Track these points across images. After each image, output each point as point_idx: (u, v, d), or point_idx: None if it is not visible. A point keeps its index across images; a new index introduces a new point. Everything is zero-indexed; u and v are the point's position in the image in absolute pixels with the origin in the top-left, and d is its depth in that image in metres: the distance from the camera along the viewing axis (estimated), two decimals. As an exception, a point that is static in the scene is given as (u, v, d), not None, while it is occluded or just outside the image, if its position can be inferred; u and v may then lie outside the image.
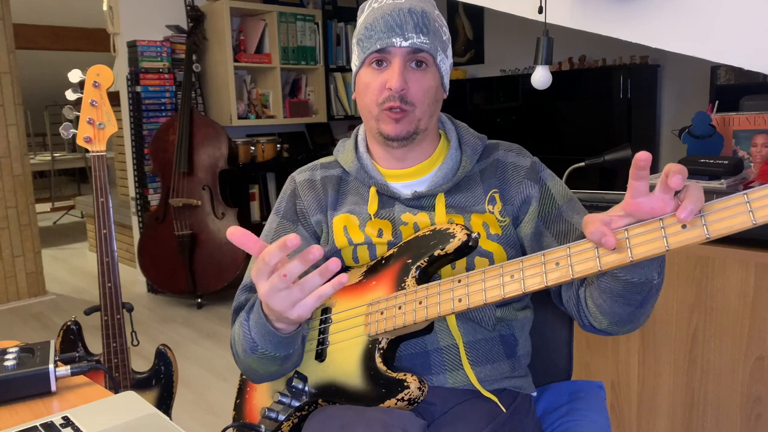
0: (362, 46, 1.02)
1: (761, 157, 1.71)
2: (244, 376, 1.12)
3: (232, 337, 1.05)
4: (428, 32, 1.00)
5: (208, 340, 3.26)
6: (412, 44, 0.98)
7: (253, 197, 4.24)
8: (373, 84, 1.00)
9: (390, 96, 0.98)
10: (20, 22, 6.01)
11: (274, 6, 4.19)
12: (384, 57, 0.99)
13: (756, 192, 0.66)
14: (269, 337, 0.90)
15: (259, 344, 0.92)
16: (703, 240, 0.69)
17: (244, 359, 0.98)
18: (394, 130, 1.00)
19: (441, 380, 0.99)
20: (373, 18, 1.01)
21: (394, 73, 0.98)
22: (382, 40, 0.98)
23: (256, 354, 0.94)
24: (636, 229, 0.73)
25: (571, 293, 0.98)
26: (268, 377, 1.00)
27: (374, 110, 1.01)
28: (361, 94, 1.04)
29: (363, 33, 1.02)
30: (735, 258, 1.48)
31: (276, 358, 0.94)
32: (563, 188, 1.07)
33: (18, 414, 0.90)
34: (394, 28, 0.98)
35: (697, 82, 3.51)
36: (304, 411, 0.98)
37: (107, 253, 1.54)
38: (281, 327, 0.89)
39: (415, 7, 1.00)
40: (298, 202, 1.11)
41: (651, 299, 0.87)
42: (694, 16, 1.69)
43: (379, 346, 0.94)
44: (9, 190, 3.88)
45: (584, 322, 0.97)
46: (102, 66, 1.55)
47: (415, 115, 1.01)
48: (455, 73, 4.52)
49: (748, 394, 1.51)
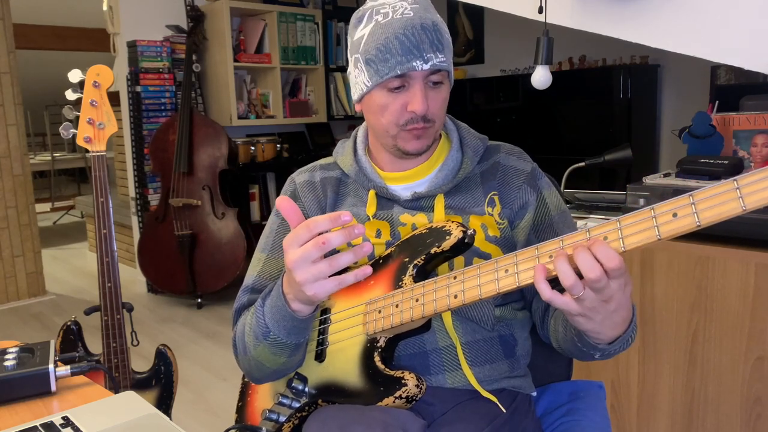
0: (376, 69, 0.97)
1: (761, 157, 1.71)
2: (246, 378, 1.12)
3: (234, 336, 1.04)
4: (443, 48, 0.97)
5: (208, 340, 3.26)
6: (432, 66, 0.95)
7: (253, 197, 4.24)
8: (392, 106, 0.98)
9: (413, 118, 0.97)
10: (20, 22, 6.01)
11: (274, 6, 4.19)
12: (403, 81, 0.96)
13: (746, 178, 0.65)
14: (284, 321, 0.90)
15: (272, 330, 0.92)
16: (693, 228, 0.69)
17: (253, 351, 0.97)
18: (415, 147, 1.00)
19: (440, 380, 0.99)
20: (385, 37, 0.95)
21: (417, 96, 0.95)
22: (402, 65, 0.94)
23: (268, 341, 0.93)
24: (628, 219, 0.73)
25: (541, 305, 1.05)
26: (271, 374, 1.00)
27: (393, 130, 1.00)
28: (375, 114, 1.01)
29: (375, 54, 0.96)
30: (735, 258, 1.48)
31: (286, 347, 0.93)
32: (558, 199, 1.09)
33: (18, 414, 0.90)
34: (412, 51, 0.94)
35: (697, 82, 3.51)
36: (305, 412, 0.98)
37: (107, 253, 1.54)
38: (297, 308, 0.89)
39: (426, 22, 0.96)
40: (298, 203, 1.11)
41: (590, 360, 0.95)
42: (694, 16, 1.69)
43: (378, 345, 0.94)
44: (9, 190, 3.88)
45: (543, 332, 1.05)
46: (102, 66, 1.55)
47: (435, 128, 1.01)
48: (455, 73, 4.52)
49: (748, 394, 1.51)
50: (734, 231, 1.50)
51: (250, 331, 0.97)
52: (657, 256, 1.60)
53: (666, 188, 1.67)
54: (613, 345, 0.86)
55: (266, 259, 1.09)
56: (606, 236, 0.74)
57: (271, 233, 1.11)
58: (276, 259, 1.08)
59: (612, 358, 1.72)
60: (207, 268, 3.66)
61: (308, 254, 0.80)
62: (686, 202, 0.69)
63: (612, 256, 0.72)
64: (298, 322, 0.90)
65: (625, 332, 0.85)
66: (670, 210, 0.70)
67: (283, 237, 1.09)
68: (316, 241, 0.80)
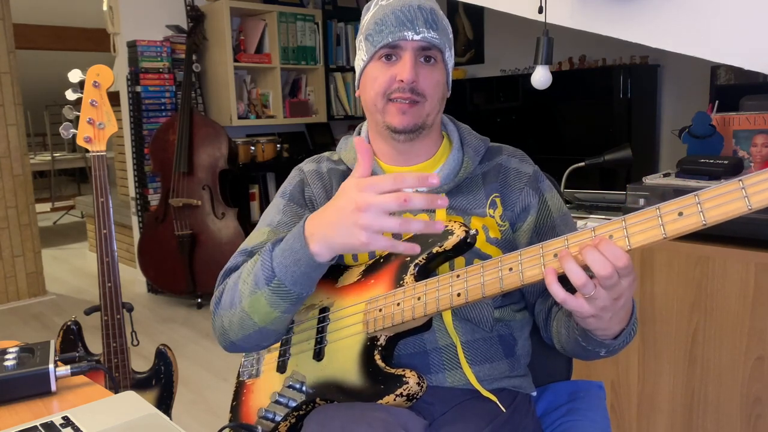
0: (372, 41, 1.01)
1: (761, 157, 1.71)
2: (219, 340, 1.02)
3: (221, 291, 0.99)
4: (438, 28, 1.00)
5: (208, 340, 3.26)
6: (423, 38, 0.98)
7: (253, 197, 4.24)
8: (382, 77, 1.00)
9: (399, 87, 0.99)
10: (20, 22, 6.01)
11: (274, 6, 4.19)
12: (394, 51, 1.00)
13: (751, 178, 0.66)
14: (295, 266, 0.86)
15: (278, 274, 0.87)
16: (699, 227, 0.70)
17: (245, 301, 0.92)
18: (401, 122, 1.00)
19: (440, 379, 0.99)
20: (383, 13, 1.01)
21: (406, 65, 0.98)
22: (394, 33, 0.98)
23: (269, 287, 0.88)
24: (633, 218, 0.73)
25: (544, 307, 1.05)
26: (253, 334, 0.94)
27: (380, 102, 1.01)
28: (367, 88, 1.03)
29: (372, 28, 1.01)
30: (735, 258, 1.48)
31: (287, 297, 0.88)
32: (559, 202, 1.09)
33: (18, 414, 0.90)
34: (405, 23, 0.98)
35: (697, 82, 3.51)
36: (302, 411, 0.98)
37: (107, 253, 1.54)
38: (318, 251, 0.84)
39: (424, 5, 1.01)
40: (306, 189, 1.10)
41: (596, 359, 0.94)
42: (694, 16, 1.69)
43: (378, 343, 0.94)
44: (9, 190, 3.88)
45: (546, 334, 1.05)
46: (102, 66, 1.55)
47: (425, 108, 1.01)
48: (455, 72, 4.52)
49: (748, 394, 1.51)
50: (734, 231, 1.50)
51: (248, 278, 0.93)
52: (657, 256, 1.60)
53: (666, 188, 1.67)
54: (618, 339, 0.87)
55: (270, 232, 1.07)
56: (611, 235, 0.74)
57: (277, 212, 1.09)
58: (279, 233, 1.05)
59: (613, 356, 1.73)
60: (207, 268, 3.66)
61: (386, 205, 0.76)
62: (692, 202, 0.69)
63: (620, 255, 0.72)
64: (311, 268, 0.86)
65: (628, 325, 0.86)
66: (675, 209, 0.70)
67: (290, 217, 1.08)
68: (399, 196, 0.75)
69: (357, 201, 0.77)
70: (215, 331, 1.00)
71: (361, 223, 0.77)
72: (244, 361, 1.16)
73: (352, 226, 0.78)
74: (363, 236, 0.78)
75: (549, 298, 1.04)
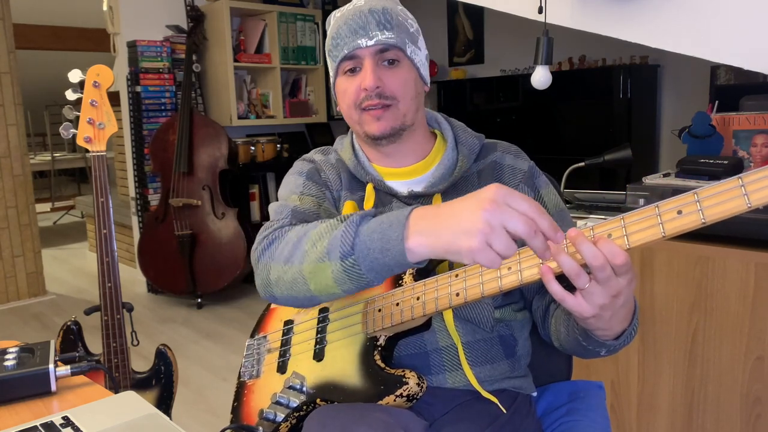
0: (332, 56, 1.03)
1: (761, 157, 1.71)
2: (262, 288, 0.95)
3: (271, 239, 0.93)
4: (392, 27, 1.00)
5: (208, 340, 3.26)
6: (377, 41, 0.98)
7: (253, 197, 4.24)
8: (350, 89, 1.01)
9: (366, 96, 0.99)
10: (20, 22, 6.01)
11: (274, 6, 4.19)
12: (355, 62, 1.00)
13: (750, 175, 0.66)
14: (380, 254, 0.78)
15: (356, 253, 0.79)
16: (699, 225, 0.69)
17: (307, 264, 0.85)
18: (378, 129, 1.01)
19: (440, 380, 0.99)
20: (338, 26, 1.02)
21: (367, 72, 0.99)
22: (348, 44, 0.99)
23: (342, 262, 0.81)
24: (632, 217, 0.73)
25: (542, 304, 1.05)
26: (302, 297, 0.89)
27: (354, 114, 1.02)
28: (341, 102, 1.05)
29: (331, 44, 1.03)
30: (735, 258, 1.48)
31: (356, 280, 0.82)
32: (556, 198, 1.09)
33: (18, 414, 0.90)
34: (358, 31, 0.99)
35: (697, 82, 3.51)
36: (302, 411, 0.98)
37: (107, 253, 1.54)
38: (414, 245, 0.75)
39: (375, 7, 1.00)
40: (322, 173, 1.11)
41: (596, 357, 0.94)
42: (694, 16, 1.69)
43: (378, 343, 0.94)
44: (9, 190, 3.88)
45: (544, 332, 1.05)
46: (102, 66, 1.55)
47: (399, 110, 1.01)
48: (455, 73, 4.52)
49: (748, 394, 1.51)
50: (734, 231, 1.50)
51: (319, 242, 0.84)
52: (657, 256, 1.60)
53: (666, 188, 1.67)
54: (619, 340, 0.86)
55: (300, 197, 1.04)
56: (610, 234, 0.74)
57: (297, 186, 1.07)
58: (310, 199, 1.04)
59: (612, 355, 1.73)
60: (207, 268, 3.66)
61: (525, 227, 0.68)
62: (691, 200, 0.69)
63: (617, 252, 0.72)
64: (395, 263, 0.77)
65: (630, 325, 0.86)
66: (674, 207, 0.70)
67: (312, 190, 1.05)
68: (536, 228, 0.69)
69: (488, 193, 0.70)
70: (257, 278, 0.94)
71: (484, 220, 0.69)
72: (244, 361, 1.16)
73: (470, 218, 0.70)
74: (475, 241, 0.69)
75: (546, 295, 1.04)
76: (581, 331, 0.88)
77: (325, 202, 1.06)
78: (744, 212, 0.67)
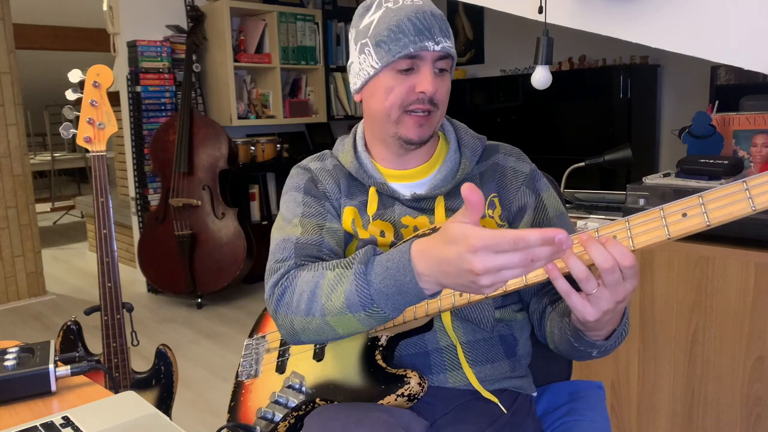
0: (387, 49, 0.96)
1: (761, 157, 1.71)
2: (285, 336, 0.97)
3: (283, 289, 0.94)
4: (450, 36, 1.00)
5: (208, 340, 3.26)
6: (443, 48, 0.97)
7: (253, 197, 4.24)
8: (399, 88, 0.97)
9: (419, 99, 0.97)
10: (20, 22, 6.01)
11: (274, 6, 4.19)
12: (413, 63, 0.97)
13: (755, 179, 0.67)
14: (400, 296, 0.81)
15: (377, 301, 0.82)
16: (703, 227, 0.70)
17: (331, 318, 0.87)
18: (417, 134, 1.00)
19: (441, 380, 0.99)
20: (398, 19, 0.96)
21: (427, 77, 0.96)
22: (415, 44, 0.95)
23: (367, 312, 0.84)
24: (637, 219, 0.73)
25: (539, 307, 1.04)
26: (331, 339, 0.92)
27: (395, 114, 0.99)
28: (378, 97, 1.00)
29: (386, 35, 0.96)
30: (735, 258, 1.48)
31: (382, 320, 0.85)
32: (556, 201, 1.09)
33: (18, 414, 0.90)
34: (424, 32, 0.95)
35: (697, 82, 3.51)
36: (301, 411, 0.98)
37: (107, 253, 1.54)
38: (428, 287, 0.79)
39: (435, 11, 0.99)
40: (319, 185, 1.08)
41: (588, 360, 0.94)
42: (694, 16, 1.69)
43: (379, 343, 0.94)
44: (9, 190, 3.88)
45: (540, 333, 1.04)
46: (102, 66, 1.55)
47: (436, 117, 1.01)
48: (455, 73, 4.51)
49: (748, 394, 1.51)
50: (734, 231, 1.50)
51: (334, 295, 0.87)
52: (657, 256, 1.60)
53: (666, 188, 1.67)
54: (610, 340, 0.87)
55: (301, 221, 1.03)
56: (615, 236, 0.74)
57: (298, 205, 1.06)
58: (311, 221, 1.03)
59: (612, 356, 1.73)
60: (207, 268, 3.66)
61: (509, 264, 0.69)
62: (696, 203, 0.69)
63: (626, 254, 0.72)
64: (417, 299, 0.81)
65: (620, 325, 0.86)
66: (679, 210, 0.70)
67: (313, 208, 1.04)
68: (525, 257, 0.68)
69: (472, 264, 0.70)
70: (280, 328, 0.96)
71: (481, 284, 0.72)
72: (242, 361, 1.16)
73: (471, 284, 0.73)
74: (485, 290, 0.73)
75: (543, 298, 1.04)
76: (573, 332, 0.88)
77: (326, 219, 1.04)
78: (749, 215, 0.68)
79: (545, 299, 1.03)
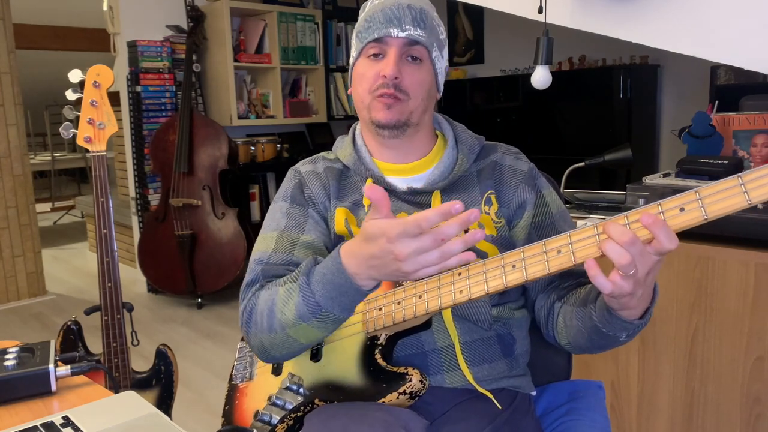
0: (360, 37, 1.04)
1: (761, 157, 1.71)
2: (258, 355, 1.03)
3: (251, 311, 0.98)
4: (425, 27, 1.02)
5: (208, 340, 3.26)
6: (408, 35, 1.00)
7: (253, 197, 4.24)
8: (368, 73, 1.02)
9: (384, 83, 1.00)
10: (20, 22, 6.00)
11: (274, 6, 4.19)
12: (381, 48, 1.02)
13: (749, 174, 0.69)
14: (343, 297, 0.86)
15: (324, 306, 0.87)
16: (701, 221, 0.71)
17: (289, 330, 0.92)
18: (385, 117, 1.01)
19: (439, 380, 0.99)
20: (373, 11, 1.04)
21: (390, 61, 1.00)
22: (380, 30, 1.00)
23: (318, 318, 0.88)
24: (635, 215, 0.74)
25: (546, 303, 1.03)
26: (298, 351, 0.96)
27: (366, 99, 1.03)
28: (356, 85, 1.06)
29: (362, 25, 1.04)
30: (735, 258, 1.48)
31: (337, 322, 0.90)
32: (557, 198, 1.10)
33: (18, 414, 0.90)
34: (392, 20, 1.00)
35: (697, 82, 3.51)
36: (299, 412, 0.98)
37: (107, 253, 1.54)
38: (364, 284, 0.85)
39: (414, 4, 1.02)
40: (305, 189, 1.10)
41: (613, 347, 0.93)
42: (694, 16, 1.69)
43: (378, 342, 0.94)
44: (9, 190, 3.88)
45: (548, 332, 1.04)
46: (102, 66, 1.55)
47: (408, 105, 1.02)
48: (455, 73, 4.52)
49: (748, 394, 1.51)
50: (734, 231, 1.50)
51: (285, 309, 0.91)
52: (657, 256, 1.60)
53: (666, 188, 1.67)
54: (644, 319, 0.85)
55: (278, 236, 1.06)
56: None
57: (282, 216, 1.08)
58: (288, 236, 1.05)
59: (614, 355, 1.73)
60: (207, 268, 3.66)
61: (423, 247, 0.76)
62: (693, 198, 0.71)
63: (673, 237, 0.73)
64: (359, 296, 0.87)
65: (652, 303, 0.85)
66: (677, 205, 0.72)
67: (296, 219, 1.07)
68: (435, 238, 0.76)
69: (395, 252, 0.78)
70: (253, 348, 1.00)
71: (405, 270, 0.79)
72: (236, 364, 1.16)
73: (396, 271, 0.80)
74: (411, 276, 0.80)
75: (551, 294, 1.03)
76: (602, 316, 0.86)
77: (304, 230, 1.06)
78: (744, 208, 0.69)
79: (553, 295, 1.02)
